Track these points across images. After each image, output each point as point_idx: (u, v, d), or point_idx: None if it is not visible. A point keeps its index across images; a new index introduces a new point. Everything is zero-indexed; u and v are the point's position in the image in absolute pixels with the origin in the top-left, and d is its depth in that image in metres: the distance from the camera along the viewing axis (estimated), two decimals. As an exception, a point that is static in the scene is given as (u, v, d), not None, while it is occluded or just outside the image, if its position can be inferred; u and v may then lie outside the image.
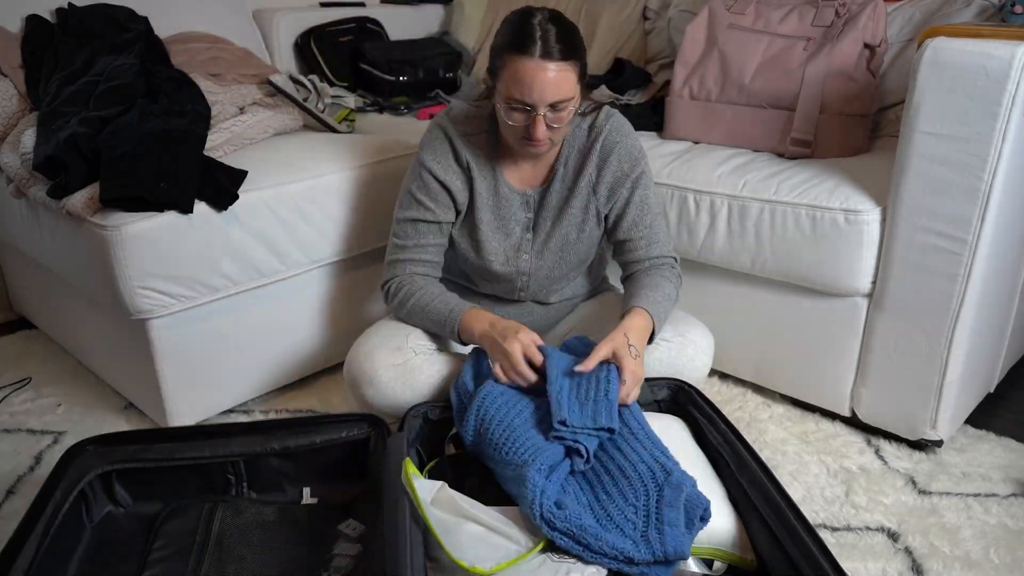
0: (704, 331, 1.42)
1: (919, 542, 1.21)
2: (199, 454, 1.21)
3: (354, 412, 1.30)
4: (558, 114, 1.25)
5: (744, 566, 1.05)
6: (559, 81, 1.22)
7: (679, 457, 1.12)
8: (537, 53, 1.20)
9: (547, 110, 1.24)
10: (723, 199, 1.51)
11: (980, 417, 1.54)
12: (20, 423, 1.60)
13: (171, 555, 1.12)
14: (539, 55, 1.20)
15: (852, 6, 1.60)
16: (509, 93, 1.24)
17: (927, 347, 1.35)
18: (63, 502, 1.10)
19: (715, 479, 1.13)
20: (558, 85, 1.22)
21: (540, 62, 1.20)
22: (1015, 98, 1.17)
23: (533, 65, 1.20)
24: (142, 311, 1.39)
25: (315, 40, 2.41)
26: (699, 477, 1.10)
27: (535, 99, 1.23)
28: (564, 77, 1.22)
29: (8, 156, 1.58)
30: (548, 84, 1.21)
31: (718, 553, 1.05)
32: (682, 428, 1.24)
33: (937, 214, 1.27)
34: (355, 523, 1.19)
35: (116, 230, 1.32)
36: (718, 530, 1.05)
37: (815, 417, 1.56)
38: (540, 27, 1.21)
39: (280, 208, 1.53)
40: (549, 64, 1.20)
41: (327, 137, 1.83)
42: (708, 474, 1.13)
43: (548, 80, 1.21)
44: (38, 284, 1.85)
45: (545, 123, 1.25)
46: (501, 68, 1.25)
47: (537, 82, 1.21)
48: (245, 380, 1.61)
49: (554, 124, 1.26)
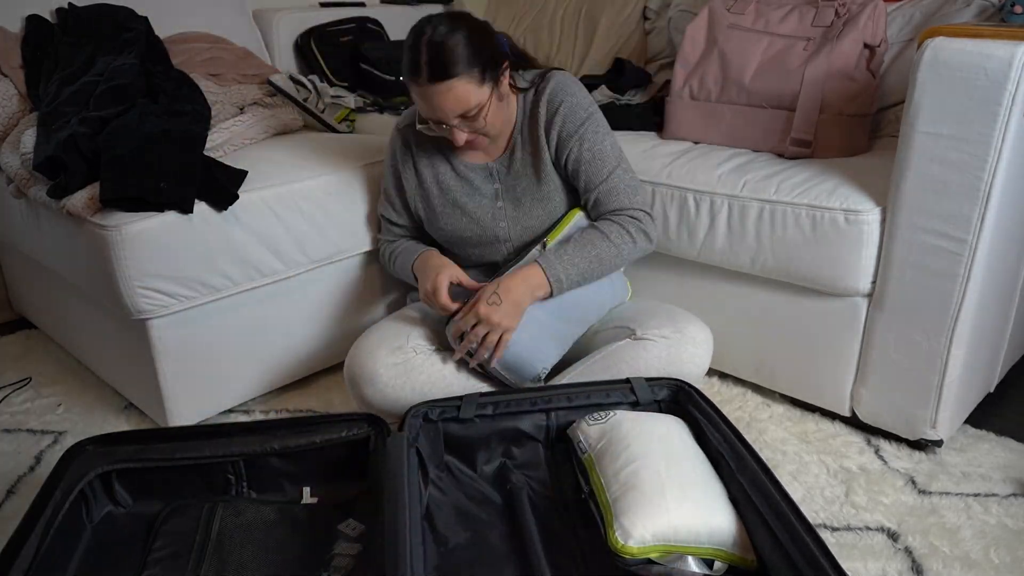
0: (702, 327, 1.43)
1: (919, 542, 1.21)
2: (199, 454, 1.21)
3: (354, 412, 1.30)
4: (473, 121, 1.29)
5: (744, 566, 1.05)
6: (455, 98, 1.25)
7: (680, 457, 1.13)
8: (425, 77, 1.23)
9: (459, 121, 1.29)
10: (723, 199, 1.51)
11: (980, 417, 1.54)
12: (20, 423, 1.60)
13: (171, 555, 1.12)
14: (427, 79, 1.23)
15: (852, 6, 1.60)
16: (421, 112, 1.30)
17: (927, 347, 1.35)
18: (63, 502, 1.10)
19: (715, 479, 1.13)
20: (456, 101, 1.25)
21: (429, 86, 1.24)
22: (1015, 98, 1.17)
23: (425, 90, 1.24)
24: (142, 311, 1.39)
25: (315, 40, 2.41)
26: (700, 477, 1.10)
27: (439, 117, 1.28)
28: (459, 92, 1.25)
29: (8, 156, 1.58)
30: (445, 103, 1.25)
31: (719, 553, 1.05)
32: (682, 428, 1.24)
33: (937, 214, 1.27)
34: (355, 523, 1.19)
35: (116, 230, 1.32)
36: (719, 530, 1.05)
37: (815, 417, 1.56)
38: (427, 48, 1.23)
39: (280, 208, 1.53)
40: (438, 87, 1.23)
41: (327, 137, 1.83)
42: (709, 474, 1.13)
43: (443, 100, 1.25)
44: (38, 284, 1.85)
45: (464, 130, 1.30)
46: (410, 92, 1.30)
47: (434, 103, 1.25)
48: (245, 380, 1.61)
49: (474, 128, 1.31)
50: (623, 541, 1.02)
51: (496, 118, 1.34)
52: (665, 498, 1.06)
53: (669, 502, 1.05)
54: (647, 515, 1.04)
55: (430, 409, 1.27)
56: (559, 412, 1.30)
